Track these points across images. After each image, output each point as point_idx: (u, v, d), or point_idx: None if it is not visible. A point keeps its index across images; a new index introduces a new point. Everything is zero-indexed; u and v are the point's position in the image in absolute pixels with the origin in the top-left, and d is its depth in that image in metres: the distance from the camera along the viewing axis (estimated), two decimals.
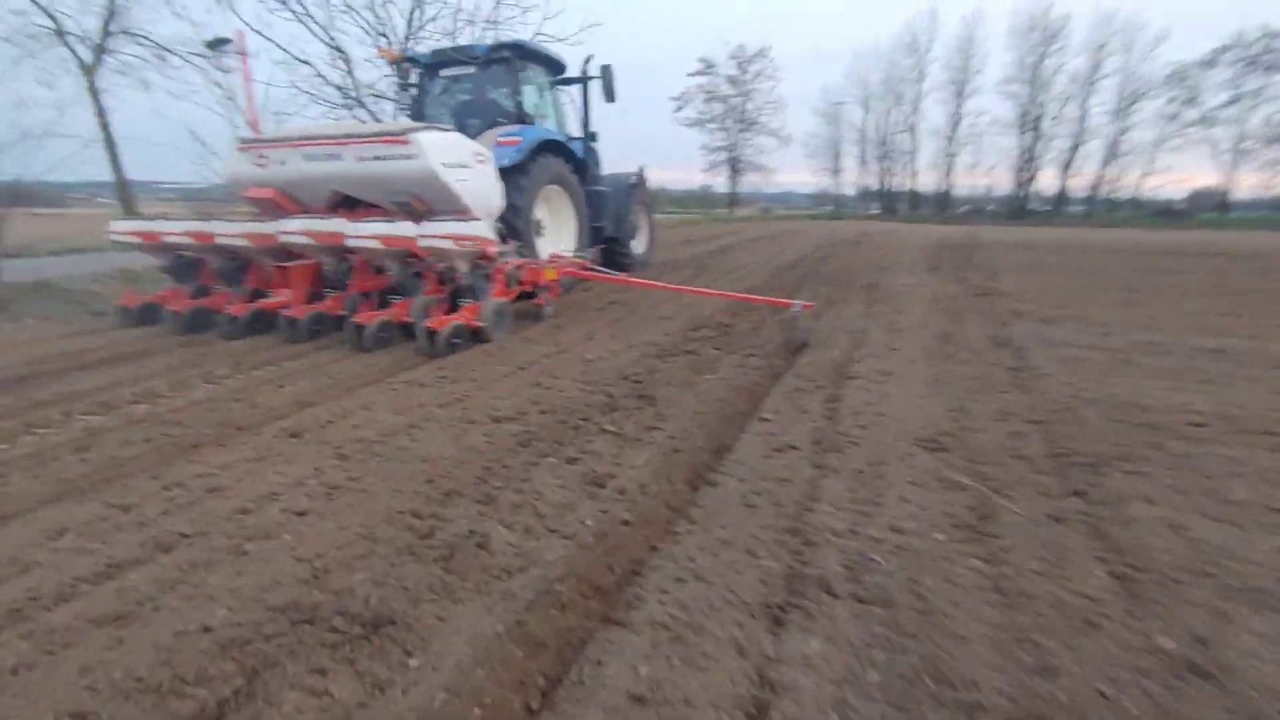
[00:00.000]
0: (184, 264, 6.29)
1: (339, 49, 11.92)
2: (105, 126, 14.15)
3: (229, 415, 3.66)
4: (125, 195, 15.10)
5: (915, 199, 49.88)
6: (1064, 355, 5.00)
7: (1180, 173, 65.24)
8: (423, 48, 11.15)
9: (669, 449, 3.14)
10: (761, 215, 40.78)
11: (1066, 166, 43.78)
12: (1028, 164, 44.74)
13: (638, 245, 10.27)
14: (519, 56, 7.85)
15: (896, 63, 47.67)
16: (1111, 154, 42.80)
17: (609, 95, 8.53)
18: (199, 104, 14.63)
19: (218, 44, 10.96)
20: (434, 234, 5.01)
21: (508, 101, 7.89)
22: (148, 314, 6.13)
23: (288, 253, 5.73)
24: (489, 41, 8.08)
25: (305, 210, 6.21)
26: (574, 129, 8.98)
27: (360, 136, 5.71)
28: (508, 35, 11.29)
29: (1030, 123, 43.63)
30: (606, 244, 9.00)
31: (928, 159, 57.63)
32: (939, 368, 4.64)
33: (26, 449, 3.19)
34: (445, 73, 8.29)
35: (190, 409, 3.76)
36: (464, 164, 5.69)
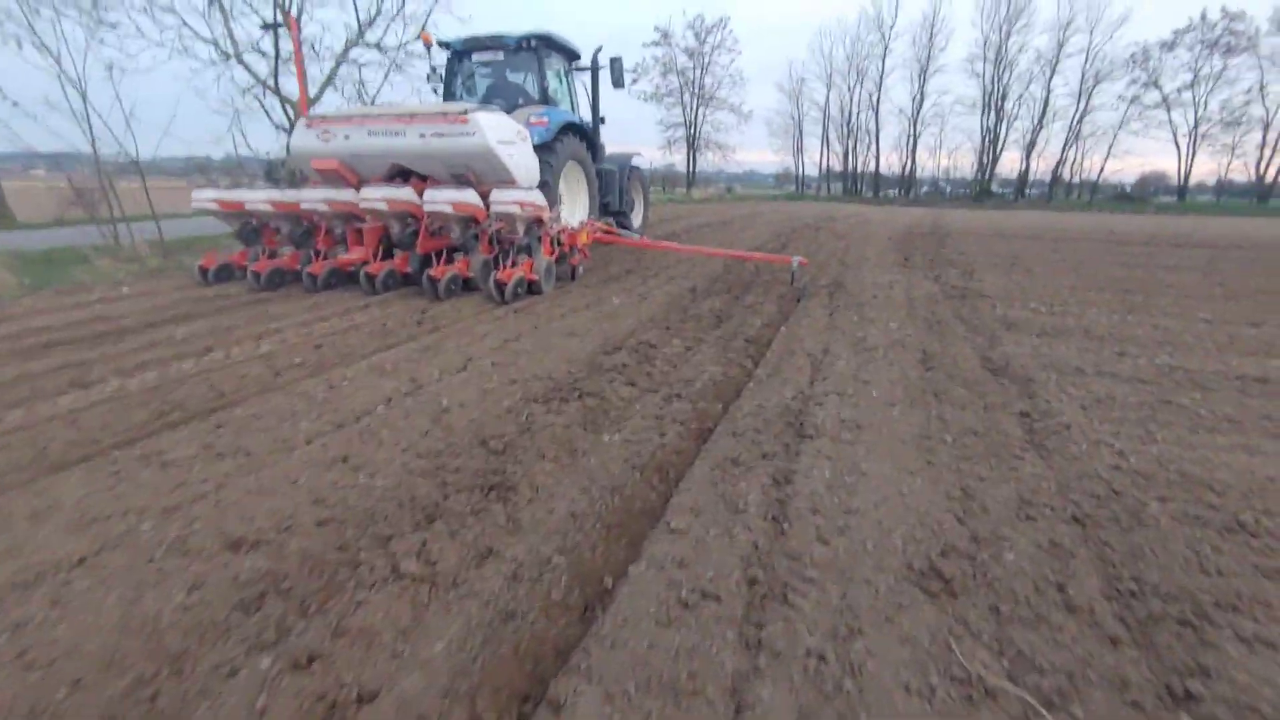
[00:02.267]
0: (252, 229, 7.19)
1: None
2: None
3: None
4: None
5: (878, 180, 49.40)
6: (1081, 390, 3.92)
7: (1140, 157, 66.12)
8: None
9: (500, 611, 1.89)
10: (719, 197, 39.57)
11: (1029, 149, 43.79)
12: (990, 145, 44.62)
13: (635, 218, 11.52)
14: (545, 46, 8.79)
15: (860, 38, 47.02)
16: (1073, 136, 42.94)
17: (617, 83, 9.61)
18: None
19: (271, 27, 10.49)
20: (504, 199, 6.04)
21: (532, 86, 9.00)
22: (223, 273, 7.14)
23: (355, 216, 6.82)
24: (518, 32, 8.80)
25: (363, 179, 6.91)
26: (587, 113, 9.91)
27: (424, 115, 6.48)
28: None
29: (994, 103, 43.41)
30: (611, 217, 10.03)
31: (890, 139, 57.51)
32: (925, 414, 3.50)
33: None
34: (477, 57, 9.14)
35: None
36: (511, 140, 6.46)
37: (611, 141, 11.74)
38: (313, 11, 10.65)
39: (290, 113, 10.50)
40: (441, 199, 6.10)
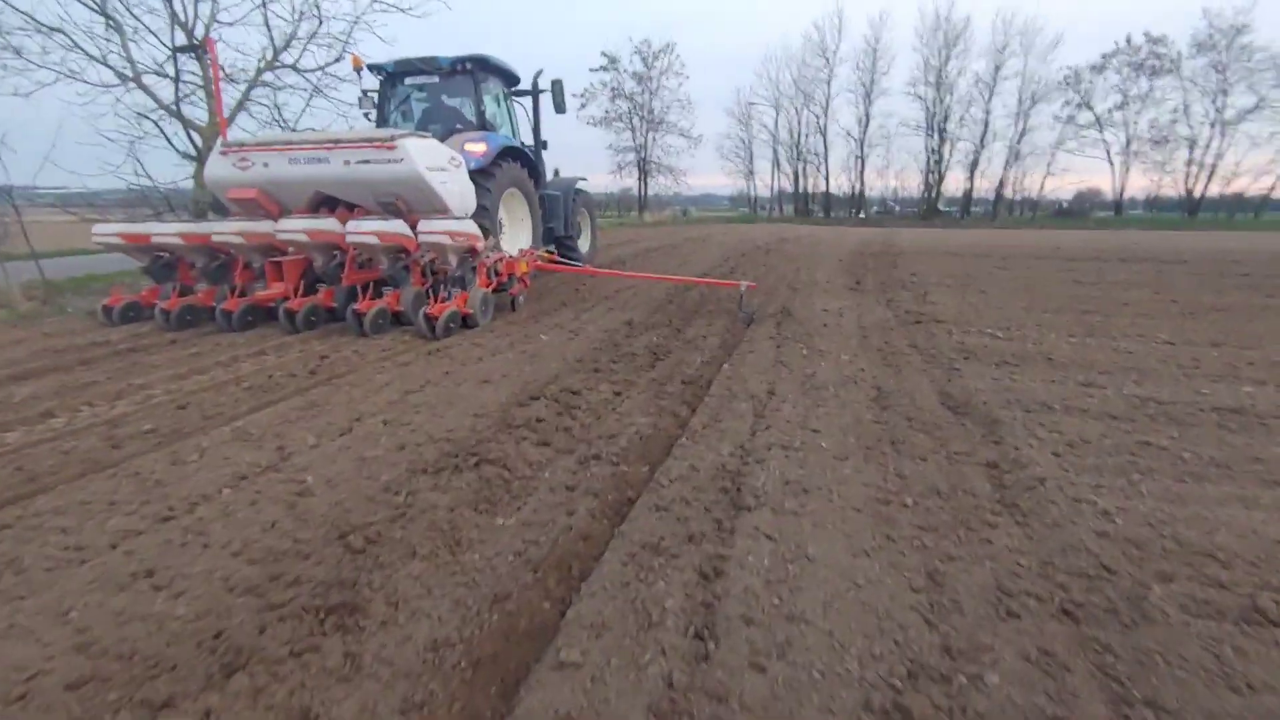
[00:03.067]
0: (164, 264, 6.76)
1: (111, 16, 9.51)
2: None
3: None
4: None
5: (829, 201, 50.20)
6: (1050, 431, 3.54)
7: (1078, 175, 68.97)
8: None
9: None
10: (673, 220, 39.55)
11: (973, 168, 45.06)
12: (936, 165, 45.80)
13: (582, 243, 11.33)
14: (480, 69, 8.48)
15: (806, 63, 47.87)
16: (1013, 156, 44.38)
17: (559, 107, 9.35)
18: None
19: (187, 49, 9.79)
20: (432, 229, 5.81)
21: (469, 110, 8.72)
22: (129, 312, 6.62)
23: (275, 249, 6.44)
24: (452, 55, 8.47)
25: (285, 210, 6.66)
26: (526, 137, 9.67)
27: (348, 142, 6.22)
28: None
29: (937, 125, 44.64)
30: (556, 243, 9.88)
31: (839, 161, 58.70)
32: (882, 470, 3.05)
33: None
34: (409, 81, 8.81)
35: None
36: (443, 167, 6.28)
37: (566, 166, 11.54)
38: (221, 32, 9.95)
39: (196, 140, 9.76)
40: (366, 229, 5.82)
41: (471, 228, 6.06)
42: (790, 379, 4.57)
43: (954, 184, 47.21)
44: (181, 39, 9.39)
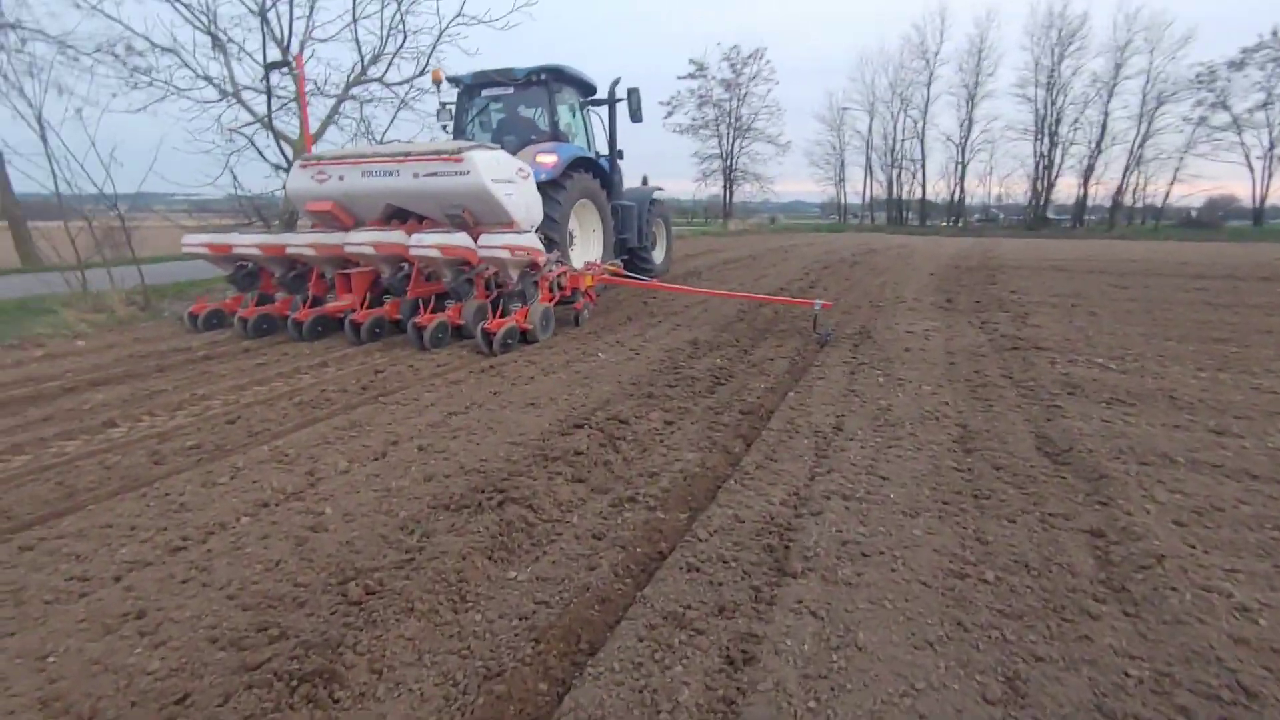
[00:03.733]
0: (247, 273, 6.96)
1: (217, 36, 10.12)
2: None
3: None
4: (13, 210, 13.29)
5: (925, 209, 48.06)
6: (1172, 492, 3.00)
7: (1210, 180, 63.01)
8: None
9: None
10: (758, 228, 38.84)
11: (1087, 174, 41.97)
12: (1045, 171, 42.96)
13: (657, 255, 11.15)
14: (555, 79, 8.44)
15: (904, 66, 46.11)
16: (1135, 160, 41.00)
17: (635, 116, 9.21)
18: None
19: (277, 66, 10.39)
20: (492, 244, 5.78)
21: (543, 120, 8.65)
22: (213, 320, 6.94)
23: (347, 261, 6.53)
24: (528, 66, 8.47)
25: (359, 222, 6.88)
26: (601, 147, 9.60)
27: (417, 154, 6.34)
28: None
29: (1048, 128, 41.88)
30: (630, 254, 9.88)
31: (938, 167, 56.26)
32: (959, 534, 2.64)
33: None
34: (485, 92, 8.87)
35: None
36: (510, 179, 6.26)
37: (653, 175, 11.44)
38: (314, 49, 10.41)
39: (287, 152, 10.22)
40: (429, 242, 5.82)
41: (532, 241, 6.02)
42: (861, 412, 4.16)
43: (1065, 191, 44.21)
44: (275, 55, 9.86)
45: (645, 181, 11.58)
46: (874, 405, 4.30)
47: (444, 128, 9.29)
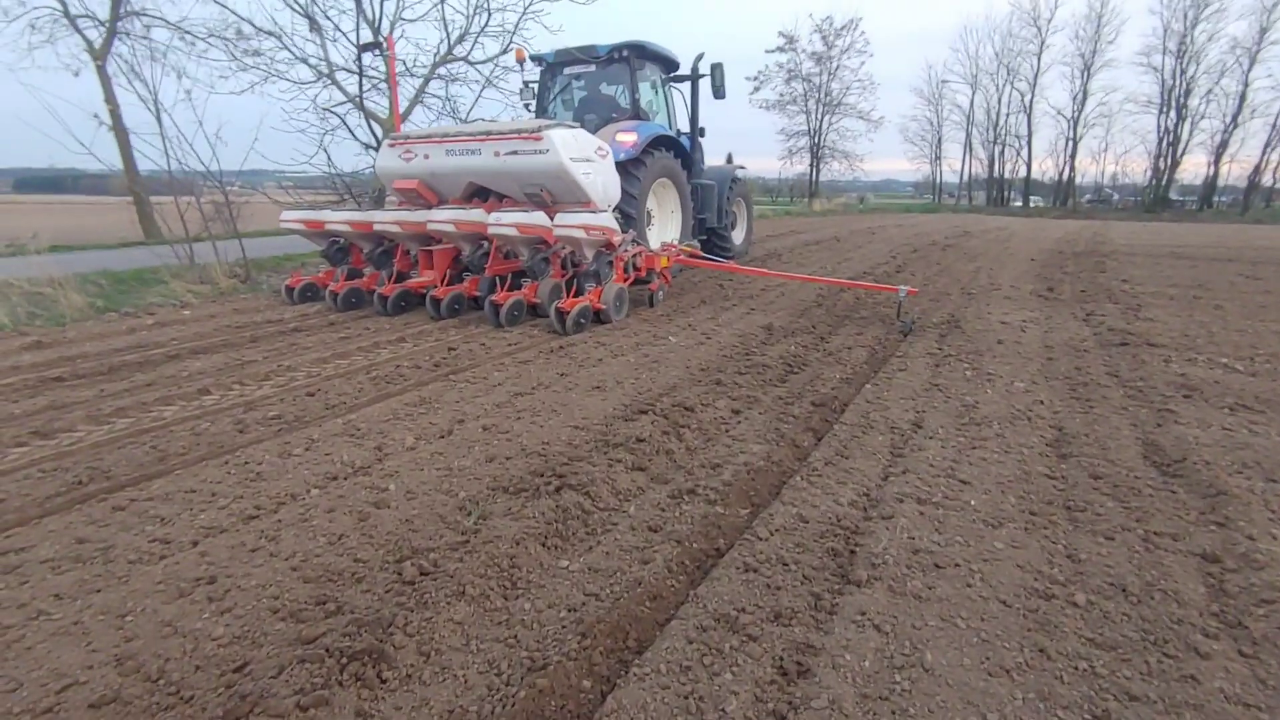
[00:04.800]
0: (339, 249, 7.31)
1: (314, 19, 10.53)
2: (115, 113, 13.50)
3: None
4: (135, 187, 14.43)
5: (1029, 188, 45.13)
6: None
7: None
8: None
9: None
10: (846, 208, 37.51)
11: (1219, 151, 38.22)
12: (1170, 148, 39.40)
13: (737, 236, 11.05)
14: (637, 56, 8.33)
15: (1013, 34, 43.35)
16: (1277, 136, 36.98)
17: (718, 93, 8.98)
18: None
19: (369, 47, 10.92)
20: (567, 224, 5.77)
21: (624, 98, 8.57)
22: (307, 293, 7.25)
23: (430, 238, 6.66)
24: (609, 43, 8.39)
25: (443, 200, 7.04)
26: (683, 124, 9.41)
27: (498, 133, 6.36)
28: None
29: (1175, 101, 38.32)
30: (709, 234, 9.73)
31: (1045, 144, 52.83)
32: (1047, 549, 2.43)
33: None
34: (568, 70, 8.83)
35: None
36: (588, 158, 6.24)
37: (737, 153, 11.24)
38: (404, 29, 10.68)
39: (377, 131, 10.56)
40: (506, 221, 5.88)
41: (608, 221, 6.00)
42: (944, 409, 3.91)
43: (1192, 169, 40.56)
44: (366, 36, 10.17)
45: (730, 159, 11.44)
46: (959, 402, 4.04)
47: (526, 106, 9.34)
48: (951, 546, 2.44)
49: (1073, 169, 43.52)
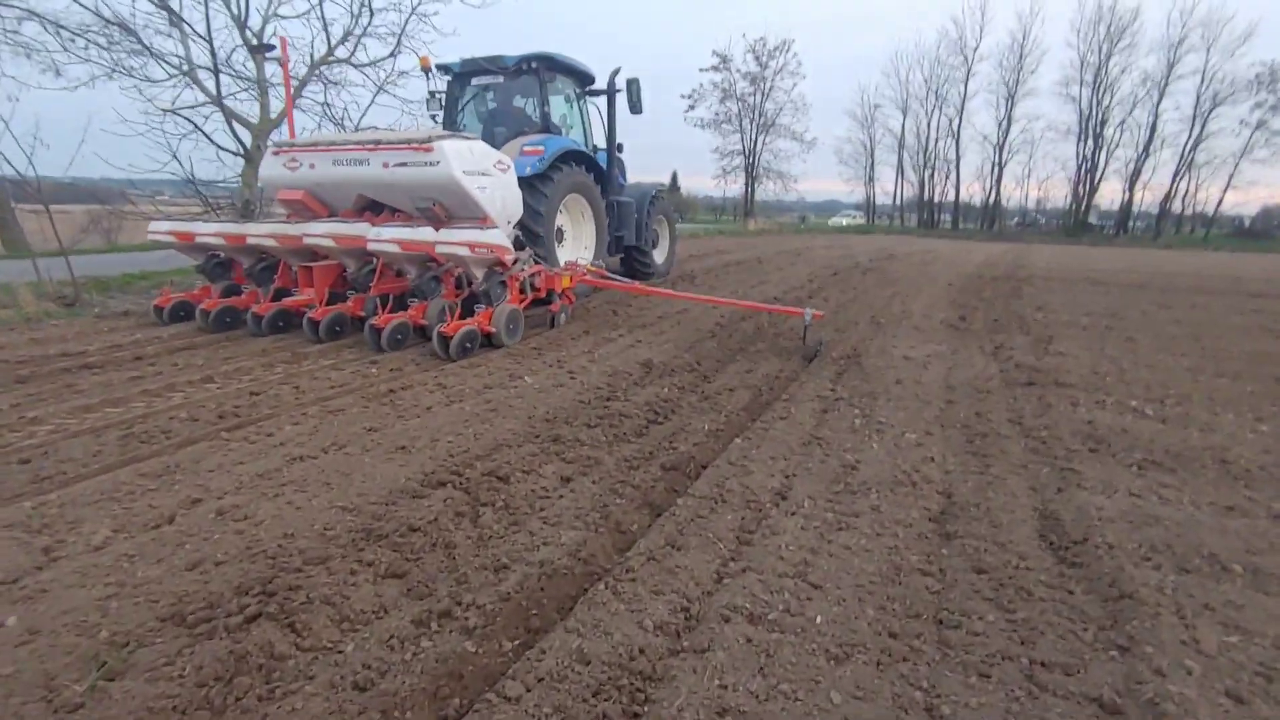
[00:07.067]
0: (218, 264, 6.78)
1: (173, 12, 9.50)
2: None
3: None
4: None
5: (958, 211, 46.51)
6: (1223, 624, 2.14)
7: (1268, 188, 60.36)
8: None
9: None
10: (780, 229, 37.75)
11: (1133, 178, 40.17)
12: (1088, 175, 41.21)
13: (658, 255, 10.74)
14: (547, 68, 8.01)
15: (941, 62, 44.71)
16: (1186, 165, 39.11)
17: (635, 107, 8.75)
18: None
19: (260, 49, 10.00)
20: (451, 240, 5.43)
21: (534, 111, 8.21)
22: (179, 312, 6.53)
23: (314, 254, 6.20)
24: (518, 54, 7.99)
25: (333, 213, 6.60)
26: (602, 140, 9.12)
27: (387, 143, 5.98)
28: None
29: (1092, 129, 40.15)
30: (628, 253, 9.60)
31: (973, 168, 54.82)
32: (900, 695, 1.80)
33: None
34: (476, 81, 8.45)
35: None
36: (485, 172, 5.93)
37: (684, 171, 10.79)
38: (278, 26, 9.77)
39: (243, 137, 9.58)
40: (387, 236, 5.57)
41: (497, 238, 5.57)
42: (818, 472, 3.31)
43: (1109, 195, 42.49)
44: (234, 34, 9.23)
45: (675, 178, 11.41)
46: (838, 461, 3.45)
47: (433, 117, 8.77)
48: (772, 699, 1.79)
49: (999, 193, 45.05)
